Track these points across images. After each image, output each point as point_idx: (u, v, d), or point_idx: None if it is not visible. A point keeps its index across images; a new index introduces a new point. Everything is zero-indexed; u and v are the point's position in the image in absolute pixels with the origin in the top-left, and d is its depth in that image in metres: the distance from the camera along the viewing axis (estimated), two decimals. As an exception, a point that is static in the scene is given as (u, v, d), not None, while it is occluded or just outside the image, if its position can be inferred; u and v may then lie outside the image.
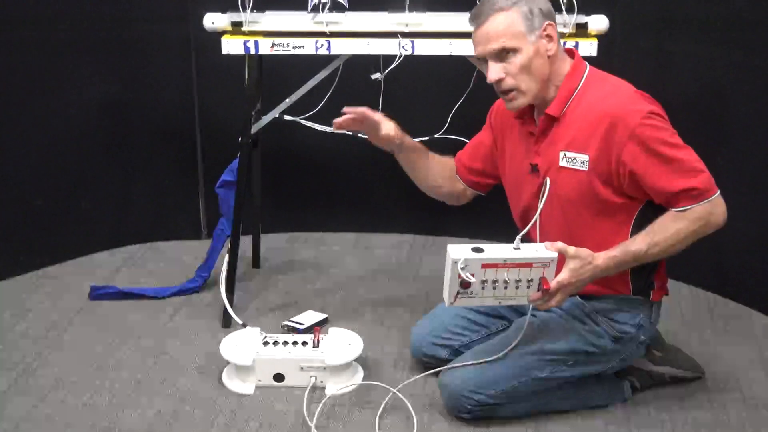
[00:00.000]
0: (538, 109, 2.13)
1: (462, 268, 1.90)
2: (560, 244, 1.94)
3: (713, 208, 1.98)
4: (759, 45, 2.66)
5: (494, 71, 2.03)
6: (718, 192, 1.99)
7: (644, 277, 2.13)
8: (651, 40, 2.90)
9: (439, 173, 2.39)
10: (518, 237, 1.94)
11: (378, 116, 2.26)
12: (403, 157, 2.35)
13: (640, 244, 1.99)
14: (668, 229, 1.98)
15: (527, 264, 1.92)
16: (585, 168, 2.03)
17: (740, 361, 2.50)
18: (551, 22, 2.04)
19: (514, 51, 2.00)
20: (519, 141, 2.21)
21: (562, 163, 2.07)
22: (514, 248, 1.93)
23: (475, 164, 2.37)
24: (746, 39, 2.70)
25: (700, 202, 1.97)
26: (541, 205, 2.06)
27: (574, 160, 2.05)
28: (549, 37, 2.03)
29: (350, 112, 2.23)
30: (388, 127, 2.26)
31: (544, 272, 1.93)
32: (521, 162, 2.19)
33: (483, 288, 1.94)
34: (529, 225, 2.03)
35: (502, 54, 2.01)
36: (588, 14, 2.46)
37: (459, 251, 1.92)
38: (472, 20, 2.05)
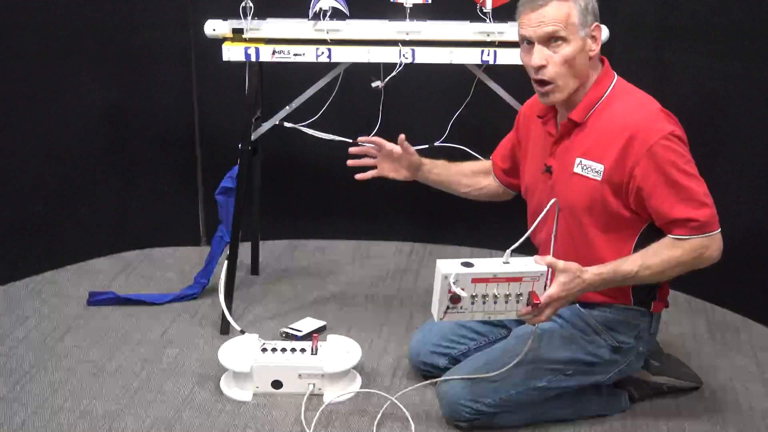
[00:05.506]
0: (560, 112, 2.14)
1: (453, 283, 1.89)
2: (549, 258, 1.94)
3: (711, 243, 1.99)
4: (758, 55, 2.67)
5: (539, 56, 2.01)
6: (719, 230, 2.00)
7: (646, 289, 2.13)
8: (650, 50, 2.91)
9: (470, 179, 2.45)
10: (508, 251, 1.92)
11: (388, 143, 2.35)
12: (427, 175, 2.40)
13: (631, 264, 1.99)
14: (662, 255, 1.99)
15: (517, 278, 1.92)
16: (599, 177, 2.03)
17: (738, 372, 2.50)
18: (598, 24, 2.04)
19: (564, 40, 1.99)
20: (538, 140, 2.22)
21: (577, 169, 2.07)
22: (504, 262, 1.93)
23: (505, 164, 2.40)
24: (745, 49, 2.70)
25: (698, 235, 1.98)
26: (555, 226, 2.07)
27: (589, 169, 2.05)
28: (594, 38, 2.03)
29: (365, 141, 2.34)
30: (400, 146, 2.33)
31: (533, 286, 1.93)
32: (538, 161, 2.20)
33: (473, 303, 1.93)
34: (522, 239, 2.00)
35: (551, 40, 2.00)
36: (588, 24, 2.46)
37: (449, 266, 1.91)
38: (527, 2, 2.02)
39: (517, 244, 1.95)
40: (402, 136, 2.33)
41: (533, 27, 2.01)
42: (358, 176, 2.38)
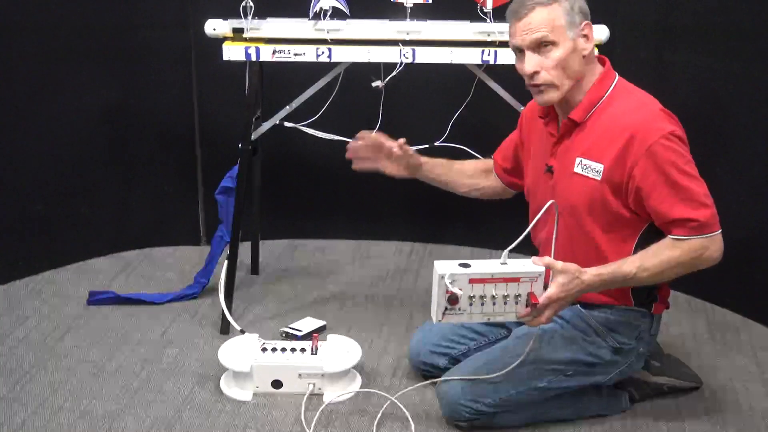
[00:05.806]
0: (561, 112, 2.13)
1: (450, 283, 1.89)
2: (547, 259, 1.93)
3: (710, 244, 1.98)
4: (758, 55, 2.67)
5: (531, 62, 2.02)
6: (719, 231, 1.99)
7: (647, 290, 2.13)
8: (651, 50, 2.91)
9: (471, 179, 2.45)
10: (505, 252, 1.92)
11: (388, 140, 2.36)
12: (427, 174, 2.41)
13: (630, 266, 1.98)
14: (661, 255, 1.98)
15: (515, 279, 1.91)
16: (599, 177, 2.03)
17: (738, 372, 2.50)
18: (589, 22, 2.04)
19: (553, 44, 2.00)
20: (540, 140, 2.22)
21: (577, 169, 2.07)
22: (501, 263, 1.92)
23: (507, 164, 2.41)
24: (745, 49, 2.70)
25: (697, 236, 1.97)
26: (555, 228, 2.07)
27: (589, 168, 2.04)
28: (586, 37, 2.04)
29: (362, 137, 2.34)
30: (399, 149, 2.34)
31: (531, 287, 1.92)
32: (540, 162, 2.20)
33: (471, 304, 1.93)
34: (519, 239, 1.98)
35: (541, 46, 2.00)
36: (588, 24, 2.46)
37: (446, 267, 1.91)
38: (511, 14, 2.04)
39: (514, 245, 1.94)
40: (401, 140, 2.33)
41: (521, 35, 2.02)
42: (356, 166, 2.40)
